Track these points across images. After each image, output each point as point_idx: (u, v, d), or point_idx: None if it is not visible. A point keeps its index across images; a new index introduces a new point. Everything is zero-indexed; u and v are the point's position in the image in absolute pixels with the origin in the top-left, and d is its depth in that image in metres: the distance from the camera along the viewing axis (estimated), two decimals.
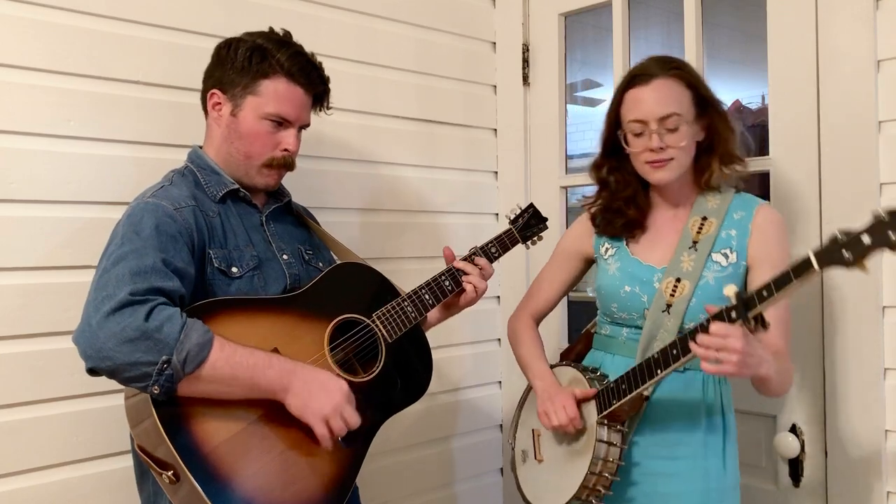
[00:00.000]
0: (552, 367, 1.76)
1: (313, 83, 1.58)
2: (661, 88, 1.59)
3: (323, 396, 1.40)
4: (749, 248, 1.60)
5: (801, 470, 1.87)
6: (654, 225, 1.71)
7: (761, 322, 1.34)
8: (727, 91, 4.35)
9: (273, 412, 1.40)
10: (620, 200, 1.71)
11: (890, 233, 1.19)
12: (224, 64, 1.54)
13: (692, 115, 1.60)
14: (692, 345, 1.41)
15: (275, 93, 1.52)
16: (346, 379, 1.47)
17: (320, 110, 1.65)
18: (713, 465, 1.60)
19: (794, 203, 1.88)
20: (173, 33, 1.83)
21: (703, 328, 1.39)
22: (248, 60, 1.52)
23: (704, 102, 1.62)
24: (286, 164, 1.59)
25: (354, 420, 1.44)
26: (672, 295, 1.60)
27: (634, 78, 1.62)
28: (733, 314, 1.34)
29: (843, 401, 1.80)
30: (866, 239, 1.21)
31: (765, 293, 1.31)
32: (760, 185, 2.03)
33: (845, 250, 1.22)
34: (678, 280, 1.60)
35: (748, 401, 1.82)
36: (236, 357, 1.34)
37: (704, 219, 1.64)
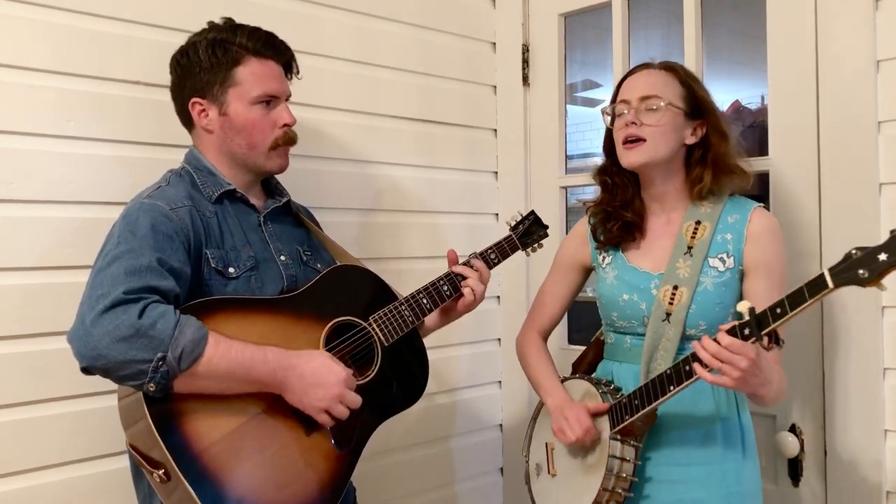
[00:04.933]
0: (565, 379, 1.76)
1: (281, 51, 1.58)
2: (652, 75, 1.65)
3: (320, 389, 1.41)
4: (745, 254, 1.59)
5: (800, 469, 1.87)
6: (648, 231, 1.70)
7: (775, 339, 1.32)
8: (727, 91, 4.35)
9: (267, 411, 1.40)
10: (618, 203, 1.71)
11: None
12: (191, 71, 1.53)
13: (679, 106, 1.61)
14: (695, 344, 1.39)
15: (252, 75, 1.52)
16: None
17: (291, 79, 1.63)
18: (730, 469, 1.58)
19: (793, 203, 1.88)
20: (173, 33, 1.82)
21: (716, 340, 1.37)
22: (213, 56, 1.51)
23: (698, 104, 1.62)
24: (289, 139, 1.58)
25: (355, 403, 1.45)
26: (671, 303, 1.58)
27: (632, 70, 1.70)
28: (746, 331, 1.32)
29: (843, 401, 1.80)
30: (883, 256, 1.18)
31: (778, 311, 1.29)
32: (760, 186, 2.03)
33: (861, 269, 1.19)
34: (675, 288, 1.59)
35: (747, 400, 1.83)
36: (232, 352, 1.34)
37: (698, 223, 1.63)
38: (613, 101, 1.69)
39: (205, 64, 1.52)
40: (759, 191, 2.07)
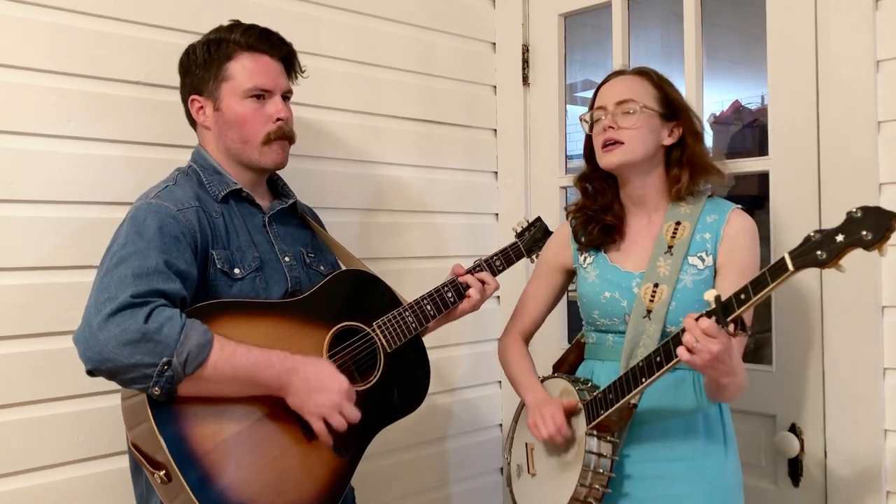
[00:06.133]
0: (544, 379, 1.76)
1: (276, 46, 1.58)
2: (626, 81, 1.68)
3: (322, 394, 1.41)
4: (719, 252, 1.61)
5: (800, 469, 1.87)
6: (629, 232, 1.72)
7: (741, 326, 1.34)
8: (727, 91, 4.35)
9: (268, 416, 1.41)
10: (598, 207, 1.73)
11: (864, 232, 1.16)
12: (189, 69, 1.55)
13: (654, 108, 1.63)
14: (686, 320, 1.38)
15: (243, 69, 1.53)
16: None
17: (296, 77, 1.63)
18: (713, 464, 1.59)
19: (793, 203, 1.88)
20: (173, 33, 1.83)
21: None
22: (207, 54, 1.53)
23: (673, 106, 1.65)
24: (284, 134, 1.57)
25: (354, 416, 1.45)
26: (651, 300, 1.60)
27: (607, 77, 1.72)
28: (713, 318, 1.34)
29: (843, 401, 1.80)
30: (840, 238, 1.19)
31: (742, 296, 1.30)
32: (760, 186, 2.03)
33: (819, 250, 1.21)
34: (656, 285, 1.60)
35: (748, 400, 1.83)
36: (236, 356, 1.34)
37: (678, 223, 1.64)
38: (591, 108, 1.71)
39: (199, 61, 1.54)
40: (759, 191, 2.08)
